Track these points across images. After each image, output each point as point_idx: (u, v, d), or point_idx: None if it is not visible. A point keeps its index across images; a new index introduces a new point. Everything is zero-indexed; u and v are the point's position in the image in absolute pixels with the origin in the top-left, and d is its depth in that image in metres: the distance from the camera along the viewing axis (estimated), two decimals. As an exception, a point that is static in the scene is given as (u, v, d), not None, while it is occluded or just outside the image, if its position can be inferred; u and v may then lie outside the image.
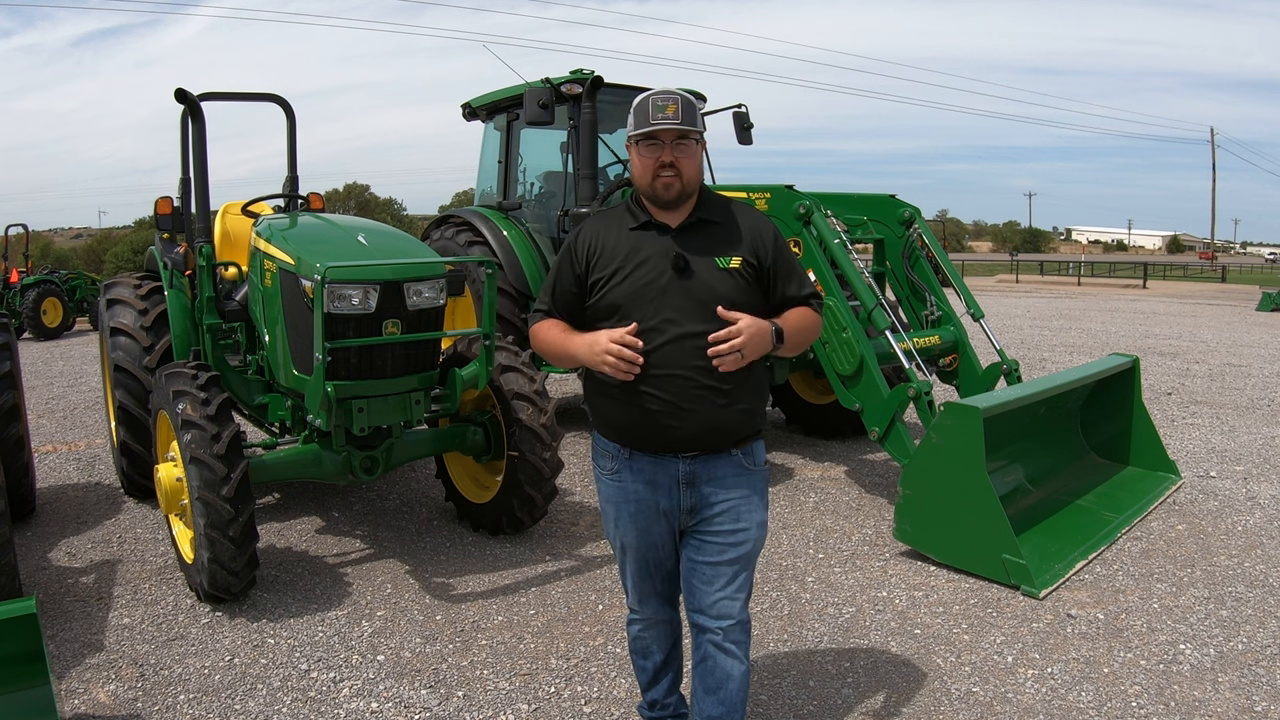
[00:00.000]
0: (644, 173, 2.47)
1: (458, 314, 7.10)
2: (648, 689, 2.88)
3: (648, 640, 2.80)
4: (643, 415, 2.46)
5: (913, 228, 6.10)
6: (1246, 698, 3.23)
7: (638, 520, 2.58)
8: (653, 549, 2.62)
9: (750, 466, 2.57)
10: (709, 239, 2.50)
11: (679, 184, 2.46)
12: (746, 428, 2.54)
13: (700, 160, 2.53)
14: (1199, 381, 9.97)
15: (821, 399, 7.08)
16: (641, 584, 2.69)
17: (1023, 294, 28.31)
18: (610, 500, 2.63)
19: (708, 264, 2.46)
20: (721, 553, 2.54)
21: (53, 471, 6.35)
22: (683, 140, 2.45)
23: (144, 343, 5.14)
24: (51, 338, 15.84)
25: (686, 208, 2.53)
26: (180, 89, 4.68)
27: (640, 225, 2.52)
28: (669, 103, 2.43)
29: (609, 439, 2.59)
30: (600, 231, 2.55)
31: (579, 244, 2.56)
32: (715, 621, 2.56)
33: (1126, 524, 4.93)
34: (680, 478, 2.51)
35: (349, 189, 70.58)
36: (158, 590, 4.23)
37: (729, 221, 2.55)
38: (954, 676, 3.41)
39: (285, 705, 3.22)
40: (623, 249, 2.49)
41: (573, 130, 6.86)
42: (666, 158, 2.43)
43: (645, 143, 2.46)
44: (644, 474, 2.54)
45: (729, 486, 2.53)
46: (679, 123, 2.42)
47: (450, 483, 5.16)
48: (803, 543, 4.87)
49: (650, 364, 2.41)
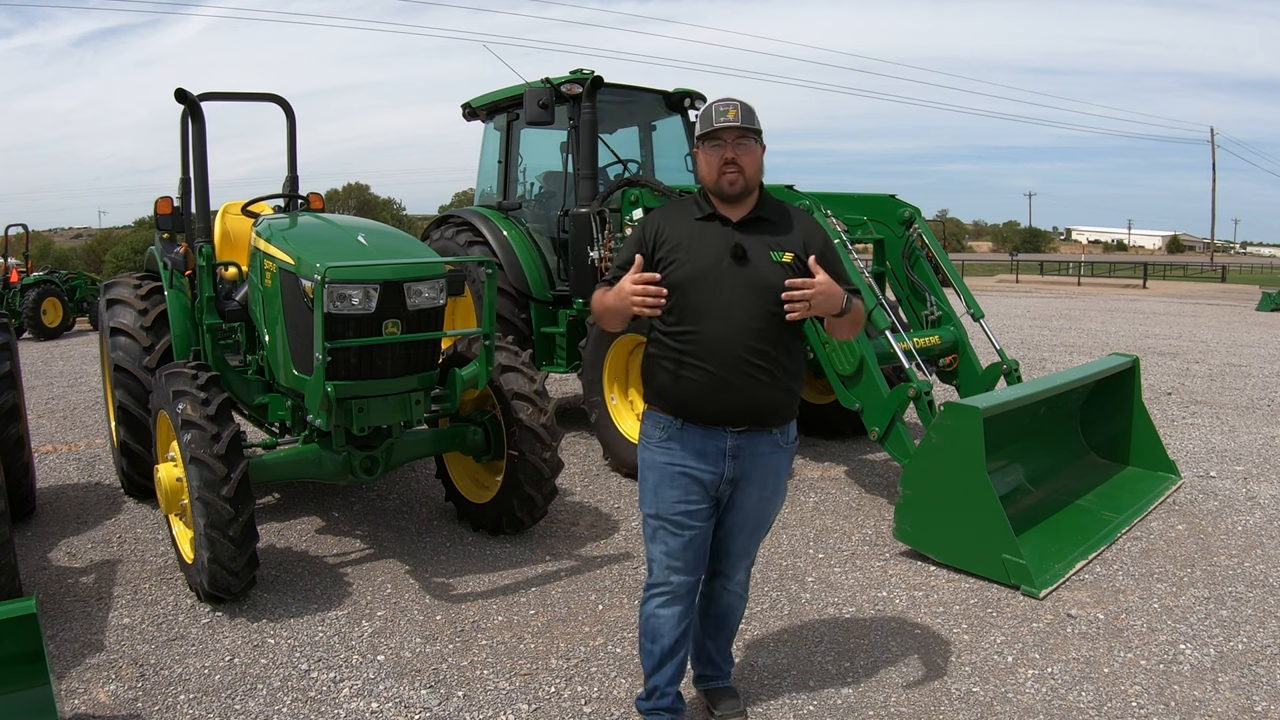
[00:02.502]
0: (710, 170, 2.73)
1: (458, 314, 7.11)
2: (651, 674, 2.94)
3: (662, 620, 2.87)
4: (695, 388, 2.69)
5: (913, 228, 6.10)
6: (1246, 698, 3.23)
7: (678, 486, 2.77)
8: (689, 515, 2.79)
9: (784, 444, 2.85)
10: (766, 234, 2.74)
11: (742, 179, 2.70)
12: (787, 407, 2.81)
13: (760, 159, 2.76)
14: (1199, 381, 9.97)
15: (821, 399, 7.08)
16: (674, 550, 2.82)
17: (1023, 294, 28.31)
18: (653, 468, 2.81)
19: (763, 256, 2.70)
20: (748, 518, 2.88)
21: (53, 471, 6.35)
22: (743, 139, 2.71)
23: (144, 343, 5.14)
24: (51, 338, 15.84)
25: (748, 204, 2.77)
26: (180, 89, 4.68)
27: (705, 216, 2.77)
28: (730, 107, 2.71)
29: (663, 411, 2.80)
30: (668, 219, 2.81)
31: (648, 228, 2.81)
32: (733, 573, 2.99)
33: (1126, 524, 4.93)
34: (727, 450, 2.75)
35: (349, 189, 70.56)
36: (158, 590, 4.23)
37: (785, 221, 2.80)
38: (954, 676, 3.41)
39: (285, 705, 3.22)
40: (687, 236, 2.74)
41: (573, 130, 6.86)
42: (729, 155, 2.69)
43: (710, 143, 2.73)
44: (694, 444, 2.75)
45: (764, 463, 2.81)
46: (739, 123, 2.68)
47: (450, 483, 5.16)
48: (803, 543, 4.87)
49: (705, 340, 2.66)
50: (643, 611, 2.93)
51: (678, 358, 2.70)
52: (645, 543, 2.92)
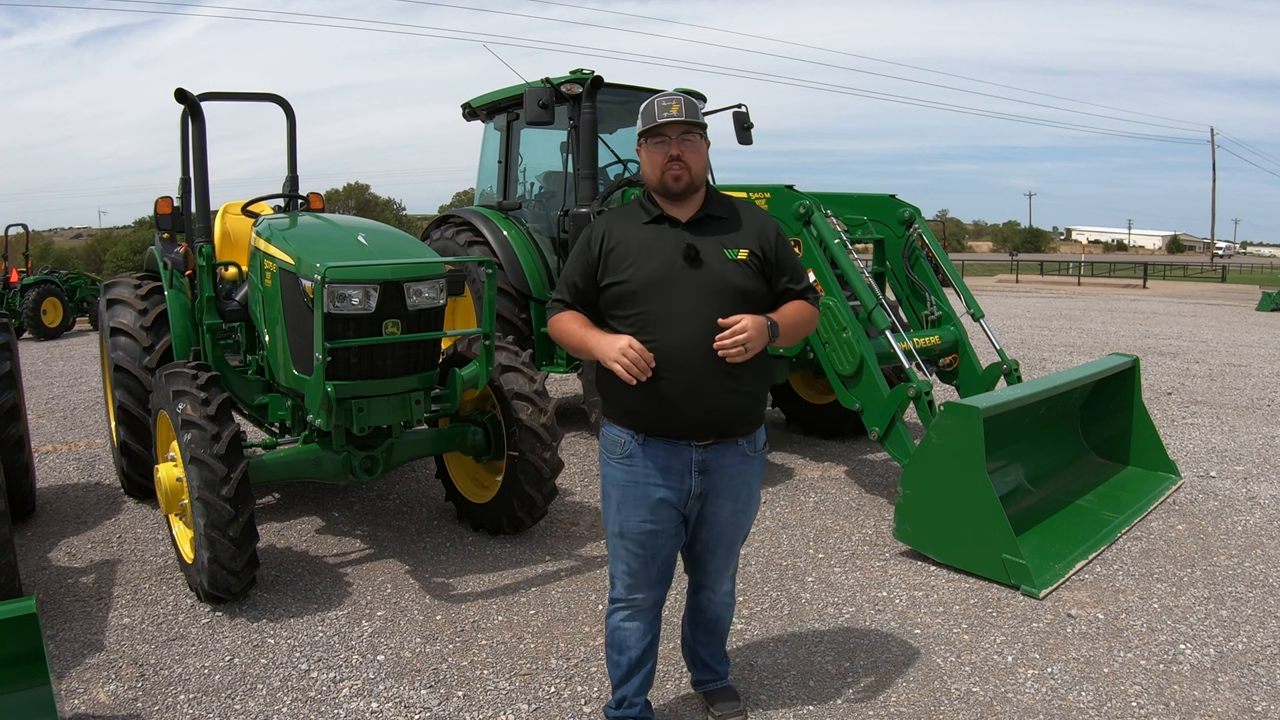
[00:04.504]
0: (653, 168, 2.63)
1: (458, 314, 7.10)
2: (619, 685, 2.89)
3: (628, 632, 2.82)
4: (658, 400, 2.55)
5: (913, 228, 6.10)
6: (1246, 698, 3.23)
7: (642, 506, 2.66)
8: (653, 535, 2.69)
9: (752, 453, 2.73)
10: (718, 232, 2.64)
11: (687, 176, 2.60)
12: (755, 413, 2.69)
13: (705, 155, 2.66)
14: (1199, 381, 9.97)
15: (821, 399, 7.08)
16: (636, 569, 2.74)
17: (1023, 294, 28.31)
18: (617, 485, 2.69)
19: (717, 255, 2.59)
20: (723, 532, 2.77)
21: (53, 471, 6.35)
22: (687, 135, 2.60)
23: (144, 343, 5.14)
24: (51, 338, 15.85)
25: (695, 202, 2.67)
26: (180, 89, 4.68)
27: (653, 219, 2.66)
28: (673, 101, 2.59)
29: (623, 425, 2.67)
30: (615, 225, 2.69)
31: (595, 236, 2.69)
32: (717, 585, 2.91)
33: (1126, 524, 4.93)
34: (693, 465, 2.63)
35: (349, 189, 70.60)
36: (158, 590, 4.23)
37: (735, 217, 2.70)
38: (954, 676, 3.41)
39: (285, 705, 3.22)
40: (637, 241, 2.63)
41: (573, 130, 6.86)
42: (674, 151, 2.58)
43: (653, 140, 2.61)
44: (657, 459, 2.63)
45: (734, 474, 2.69)
46: (683, 117, 2.57)
47: (450, 483, 5.16)
48: (803, 543, 4.87)
49: (665, 350, 2.52)
50: (608, 624, 2.87)
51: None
52: (610, 557, 2.82)
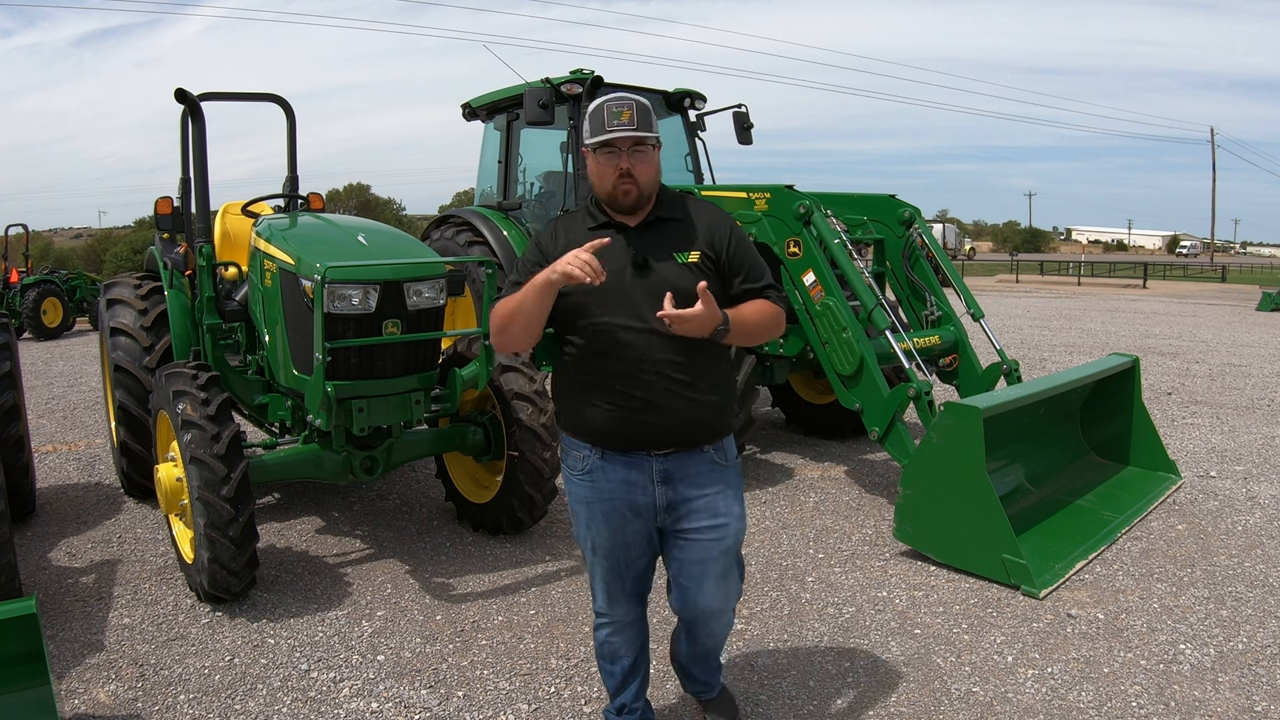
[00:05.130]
0: (602, 180, 2.48)
1: (458, 314, 7.11)
2: (617, 693, 2.86)
3: (616, 644, 2.78)
4: (613, 413, 2.47)
5: (913, 228, 6.10)
6: (1246, 698, 3.23)
7: (610, 520, 2.57)
8: (625, 549, 2.62)
9: (722, 462, 2.60)
10: (668, 236, 2.52)
11: (636, 191, 2.46)
12: (717, 423, 2.57)
13: (657, 165, 2.52)
14: (1199, 381, 9.97)
15: (821, 399, 7.08)
16: (612, 585, 2.68)
17: (1023, 294, 28.29)
18: (582, 501, 2.62)
19: (667, 260, 2.48)
20: (705, 550, 2.58)
21: (53, 471, 6.35)
22: (639, 147, 2.44)
23: (144, 343, 5.14)
24: (51, 338, 15.84)
25: (645, 208, 2.54)
26: (180, 89, 4.68)
27: (599, 225, 2.53)
28: (624, 108, 2.41)
29: (580, 439, 2.58)
30: (565, 230, 2.58)
31: (545, 240, 2.58)
32: (704, 617, 2.69)
33: (1126, 524, 4.93)
34: (655, 475, 2.53)
35: (349, 189, 70.57)
36: (158, 590, 4.23)
37: (687, 218, 2.57)
38: (954, 676, 3.41)
39: (285, 705, 3.22)
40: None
41: (573, 130, 6.87)
42: (624, 165, 2.43)
43: (603, 150, 2.45)
44: (617, 473, 2.54)
45: (703, 484, 2.56)
46: (634, 129, 2.41)
47: (450, 483, 5.16)
48: (803, 543, 4.87)
49: (617, 361, 2.44)
50: (595, 637, 2.83)
51: (589, 382, 2.48)
52: (589, 572, 2.75)
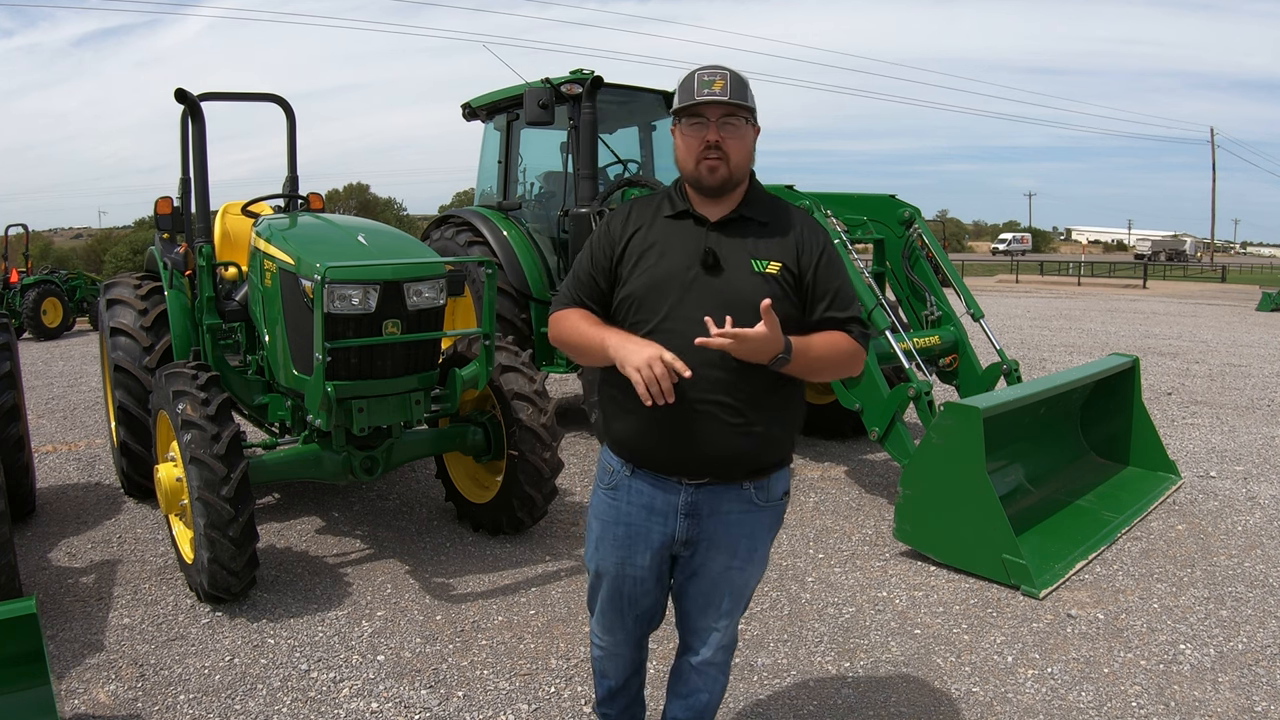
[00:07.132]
0: (687, 154, 2.20)
1: (458, 314, 7.11)
2: (603, 702, 2.71)
3: (606, 665, 2.62)
4: (647, 429, 2.20)
5: (913, 228, 6.10)
6: (1246, 698, 3.23)
7: (621, 547, 2.35)
8: (630, 581, 2.38)
9: (761, 502, 2.29)
10: (749, 238, 2.22)
11: (725, 168, 2.17)
12: (764, 457, 2.24)
13: (750, 144, 2.23)
14: (1199, 381, 9.97)
15: (821, 399, 7.08)
16: (610, 615, 2.47)
17: (1023, 294, 28.29)
18: (599, 517, 2.40)
19: (742, 265, 2.18)
20: (714, 586, 2.36)
21: (53, 471, 6.35)
22: (730, 119, 2.16)
23: (144, 343, 5.14)
24: (51, 338, 15.83)
25: (732, 200, 2.25)
26: (180, 89, 4.68)
27: (677, 214, 2.25)
28: (717, 77, 2.15)
29: (613, 451, 2.36)
30: (636, 215, 2.30)
31: (613, 226, 2.31)
32: (701, 645, 2.46)
33: (1126, 524, 4.93)
34: (680, 507, 2.26)
35: (349, 189, 70.61)
36: (158, 590, 4.23)
37: (776, 222, 2.26)
38: (954, 676, 3.41)
39: (285, 705, 3.22)
40: (654, 236, 2.24)
41: (573, 130, 6.86)
42: (712, 136, 2.16)
43: (689, 120, 2.18)
44: (642, 496, 2.29)
45: (732, 524, 2.28)
46: (727, 97, 2.14)
47: (450, 483, 5.16)
48: (803, 543, 4.87)
49: None
50: (591, 646, 2.68)
51: (627, 388, 2.09)
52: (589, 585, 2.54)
